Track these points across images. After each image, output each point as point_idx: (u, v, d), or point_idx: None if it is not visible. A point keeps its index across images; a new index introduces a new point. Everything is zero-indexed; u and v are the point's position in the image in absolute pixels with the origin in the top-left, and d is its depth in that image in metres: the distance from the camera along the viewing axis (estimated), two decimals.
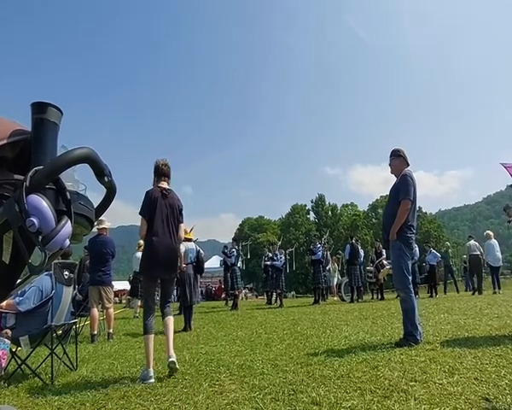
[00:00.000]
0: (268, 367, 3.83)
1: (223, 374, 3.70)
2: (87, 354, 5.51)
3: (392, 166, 5.13)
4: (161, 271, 4.14)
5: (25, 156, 1.29)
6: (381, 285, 14.52)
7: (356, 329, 6.29)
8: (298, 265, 38.67)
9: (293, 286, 31.83)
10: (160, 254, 4.07)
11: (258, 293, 29.64)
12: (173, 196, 4.32)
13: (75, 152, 1.22)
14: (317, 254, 14.15)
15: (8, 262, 1.33)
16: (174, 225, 4.24)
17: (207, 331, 7.19)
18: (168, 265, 4.15)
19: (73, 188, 1.39)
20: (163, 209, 4.17)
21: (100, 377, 3.96)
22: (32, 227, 1.10)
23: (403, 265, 4.74)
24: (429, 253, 16.04)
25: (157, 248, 4.07)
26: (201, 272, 9.05)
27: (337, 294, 15.82)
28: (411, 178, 4.91)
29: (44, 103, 1.25)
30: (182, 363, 4.36)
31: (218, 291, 22.09)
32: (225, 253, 14.04)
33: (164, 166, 4.35)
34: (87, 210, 1.43)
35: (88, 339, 6.96)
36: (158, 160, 4.40)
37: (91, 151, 1.28)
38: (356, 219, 59.62)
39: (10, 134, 1.22)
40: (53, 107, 1.26)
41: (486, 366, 3.29)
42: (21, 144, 1.27)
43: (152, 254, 4.08)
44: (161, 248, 4.07)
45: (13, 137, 1.23)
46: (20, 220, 1.10)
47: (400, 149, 5.16)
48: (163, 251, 4.08)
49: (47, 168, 1.19)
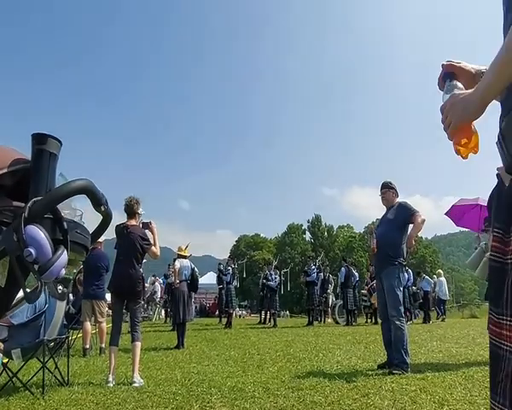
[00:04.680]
0: (259, 391, 3.84)
1: (214, 396, 3.70)
2: (79, 368, 5.49)
3: (384, 198, 5.26)
4: (121, 291, 4.89)
5: (23, 184, 1.33)
6: (375, 309, 14.48)
7: (348, 354, 6.29)
8: (293, 284, 38.48)
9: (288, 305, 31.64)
10: (119, 278, 4.89)
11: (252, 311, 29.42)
12: (134, 232, 4.92)
13: (73, 184, 1.28)
14: (312, 276, 14.16)
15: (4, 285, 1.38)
16: (133, 256, 4.87)
17: (200, 350, 7.16)
18: (126, 287, 4.82)
19: (70, 216, 1.43)
20: (124, 242, 4.92)
21: (91, 394, 3.95)
22: (29, 257, 1.14)
23: (399, 292, 4.79)
24: (422, 279, 16.18)
25: (116, 274, 4.98)
26: (196, 289, 9.03)
27: (331, 316, 15.76)
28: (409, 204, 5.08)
29: (45, 135, 1.30)
30: (173, 382, 4.36)
31: (212, 308, 21.92)
32: (221, 270, 14.02)
33: (126, 206, 5.02)
34: (83, 238, 1.47)
35: (80, 352, 6.92)
36: (125, 199, 5.06)
37: (89, 183, 1.34)
38: (352, 241, 59.49)
39: (10, 163, 1.27)
40: (53, 138, 1.31)
41: (476, 398, 3.32)
42: (21, 172, 1.31)
43: (113, 277, 5.01)
44: (120, 275, 4.88)
45: (13, 166, 1.27)
46: (18, 250, 1.14)
47: (391, 181, 5.32)
48: (122, 278, 4.84)
49: (45, 200, 1.23)
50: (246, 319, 20.95)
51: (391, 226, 5.01)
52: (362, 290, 15.69)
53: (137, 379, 4.43)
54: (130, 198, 5.05)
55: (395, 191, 5.26)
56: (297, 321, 17.21)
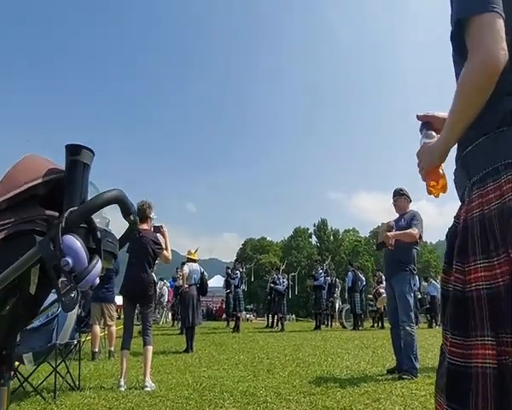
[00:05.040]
0: (271, 395, 3.86)
1: (226, 401, 3.72)
2: (88, 372, 5.52)
3: (396, 205, 5.28)
4: (133, 295, 4.92)
5: (55, 193, 1.36)
6: (382, 314, 14.45)
7: (357, 358, 6.29)
8: (299, 288, 38.44)
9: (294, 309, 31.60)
10: (131, 282, 4.91)
11: (259, 314, 29.40)
12: (146, 236, 4.99)
13: (107, 195, 1.31)
14: (319, 280, 14.16)
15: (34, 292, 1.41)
16: (145, 261, 4.94)
17: (209, 354, 7.18)
18: (138, 291, 4.86)
19: (101, 224, 1.47)
20: (136, 246, 4.92)
21: (103, 398, 3.97)
22: (66, 266, 1.16)
23: (410, 298, 4.79)
24: (430, 284, 16.09)
25: (128, 278, 4.98)
26: (205, 293, 9.06)
27: (338, 320, 15.74)
28: (421, 219, 5.08)
29: (79, 146, 1.32)
30: (185, 387, 4.38)
31: (219, 311, 21.95)
32: (229, 274, 14.05)
33: (139, 210, 5.02)
34: (113, 246, 1.51)
35: (88, 356, 6.94)
36: (137, 204, 5.06)
37: (121, 193, 1.37)
38: (357, 245, 59.31)
39: (45, 173, 1.30)
40: (86, 149, 1.33)
41: None
42: (53, 182, 1.34)
43: (125, 281, 4.99)
44: (132, 279, 4.91)
45: (47, 176, 1.31)
46: (55, 259, 1.17)
47: (402, 188, 5.33)
48: (134, 282, 4.87)
49: (81, 210, 1.26)
50: (253, 322, 20.93)
51: None
52: (368, 295, 15.67)
53: (149, 383, 4.46)
54: (142, 202, 5.08)
55: (407, 197, 5.28)
56: (304, 325, 17.18)
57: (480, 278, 1.05)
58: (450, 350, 1.11)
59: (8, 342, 1.56)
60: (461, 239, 1.13)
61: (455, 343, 1.09)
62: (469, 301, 1.06)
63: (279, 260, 43.81)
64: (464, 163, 1.21)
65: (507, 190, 1.05)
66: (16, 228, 1.26)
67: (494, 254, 1.04)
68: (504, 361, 0.98)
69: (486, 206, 1.08)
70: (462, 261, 1.11)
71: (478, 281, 1.05)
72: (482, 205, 1.10)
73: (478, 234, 1.08)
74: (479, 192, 1.12)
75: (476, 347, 1.03)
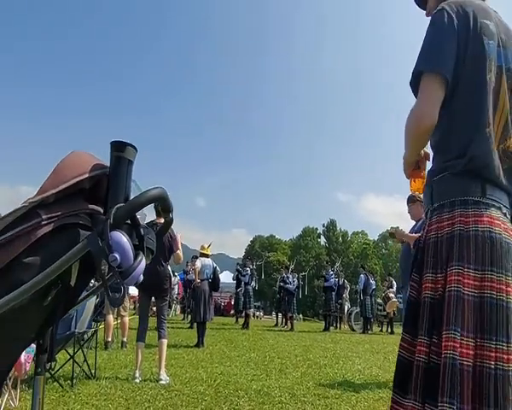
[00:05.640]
0: (286, 396, 3.87)
1: (241, 399, 3.74)
2: (102, 361, 5.57)
3: (411, 213, 5.22)
4: (150, 289, 4.91)
5: (98, 188, 1.39)
6: (391, 319, 14.37)
7: (368, 363, 6.28)
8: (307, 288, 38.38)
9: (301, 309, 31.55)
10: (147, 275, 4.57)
11: (265, 312, 29.44)
12: None
13: (151, 192, 1.33)
14: (330, 281, 14.12)
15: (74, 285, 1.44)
16: (162, 255, 5.01)
17: (220, 350, 7.21)
18: (154, 285, 4.85)
19: (141, 221, 1.49)
20: None
21: (119, 389, 4.01)
22: (114, 262, 1.18)
23: None
24: None
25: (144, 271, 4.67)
26: (217, 289, 9.09)
27: (347, 322, 15.69)
28: None
29: (123, 143, 1.35)
30: (199, 382, 4.41)
31: (228, 307, 22.00)
32: (239, 270, 14.07)
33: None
34: (152, 243, 1.54)
35: (101, 345, 7.01)
36: None
37: (164, 191, 1.39)
38: (366, 248, 59.05)
39: (91, 168, 1.33)
40: (130, 146, 1.36)
41: None
42: (98, 177, 1.37)
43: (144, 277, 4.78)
44: (149, 273, 4.51)
45: (93, 171, 1.33)
46: (103, 255, 1.19)
47: (415, 193, 5.26)
48: (149, 273, 4.52)
49: (128, 206, 1.28)
50: (262, 320, 21.00)
51: None
52: (378, 300, 15.60)
53: (164, 376, 4.51)
54: None
55: (420, 202, 5.20)
56: (312, 326, 17.18)
57: (427, 288, 1.31)
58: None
59: (47, 332, 1.59)
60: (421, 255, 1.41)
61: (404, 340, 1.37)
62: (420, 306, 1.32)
63: (287, 259, 43.74)
64: (430, 187, 1.46)
65: (458, 222, 1.31)
66: (62, 221, 1.29)
67: (438, 271, 1.30)
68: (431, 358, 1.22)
69: (440, 231, 1.35)
70: (419, 273, 1.38)
71: (426, 290, 1.31)
72: (437, 230, 1.36)
73: (431, 253, 1.34)
74: (436, 218, 1.39)
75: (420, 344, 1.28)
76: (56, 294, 1.39)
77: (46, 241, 1.24)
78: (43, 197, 1.24)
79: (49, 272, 1.21)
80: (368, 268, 21.78)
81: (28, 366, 3.50)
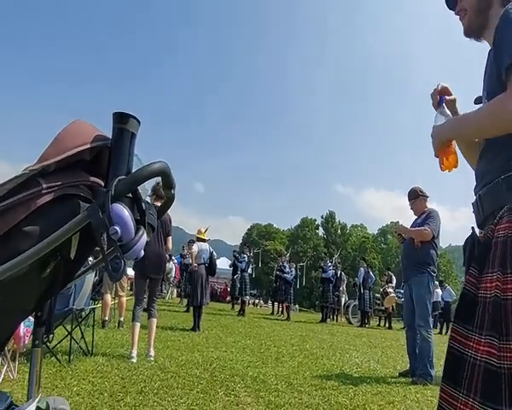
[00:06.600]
0: (282, 384, 3.82)
1: (237, 384, 3.70)
2: (99, 339, 5.54)
3: (413, 208, 5.16)
4: (149, 271, 4.96)
5: (99, 160, 1.35)
6: (389, 314, 14.38)
7: (366, 356, 6.26)
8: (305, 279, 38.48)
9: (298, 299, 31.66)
10: (149, 258, 4.73)
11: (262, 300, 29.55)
12: None
13: (154, 166, 1.27)
14: (328, 273, 14.10)
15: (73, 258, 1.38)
16: (163, 236, 5.15)
17: (216, 335, 7.19)
18: (155, 267, 4.98)
19: (143, 195, 1.43)
20: None
21: (115, 368, 3.98)
22: (114, 235, 1.13)
23: (428, 302, 4.69)
24: (444, 289, 15.95)
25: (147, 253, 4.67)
26: (214, 273, 9.06)
27: (344, 315, 15.71)
28: (438, 217, 4.93)
29: (126, 114, 1.29)
30: (195, 365, 4.38)
31: (224, 293, 22.06)
32: (236, 257, 14.06)
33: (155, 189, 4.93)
34: (153, 219, 1.50)
35: (98, 324, 7.00)
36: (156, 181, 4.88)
37: (167, 166, 1.34)
38: (365, 242, 59.00)
39: (92, 139, 1.28)
40: (133, 118, 1.30)
41: None
42: (99, 148, 1.32)
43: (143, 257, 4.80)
44: (150, 253, 4.72)
45: (94, 142, 1.28)
46: (104, 227, 1.13)
47: (415, 188, 5.18)
48: (151, 256, 4.80)
49: (130, 179, 1.23)
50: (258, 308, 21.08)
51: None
52: (376, 294, 15.61)
53: (152, 353, 4.69)
54: (158, 181, 5.04)
55: (423, 197, 5.13)
56: (309, 316, 17.25)
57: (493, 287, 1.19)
58: None
59: (45, 304, 1.54)
60: (501, 251, 1.23)
61: None
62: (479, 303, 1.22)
63: (285, 249, 43.76)
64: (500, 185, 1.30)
65: None
66: (62, 191, 1.25)
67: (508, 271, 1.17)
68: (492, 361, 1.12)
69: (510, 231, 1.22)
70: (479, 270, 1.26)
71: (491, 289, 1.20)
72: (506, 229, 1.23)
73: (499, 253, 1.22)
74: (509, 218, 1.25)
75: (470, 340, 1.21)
76: (55, 266, 1.34)
77: (46, 210, 1.19)
78: (43, 166, 1.19)
79: (48, 241, 1.15)
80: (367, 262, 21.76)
81: (27, 339, 3.48)
